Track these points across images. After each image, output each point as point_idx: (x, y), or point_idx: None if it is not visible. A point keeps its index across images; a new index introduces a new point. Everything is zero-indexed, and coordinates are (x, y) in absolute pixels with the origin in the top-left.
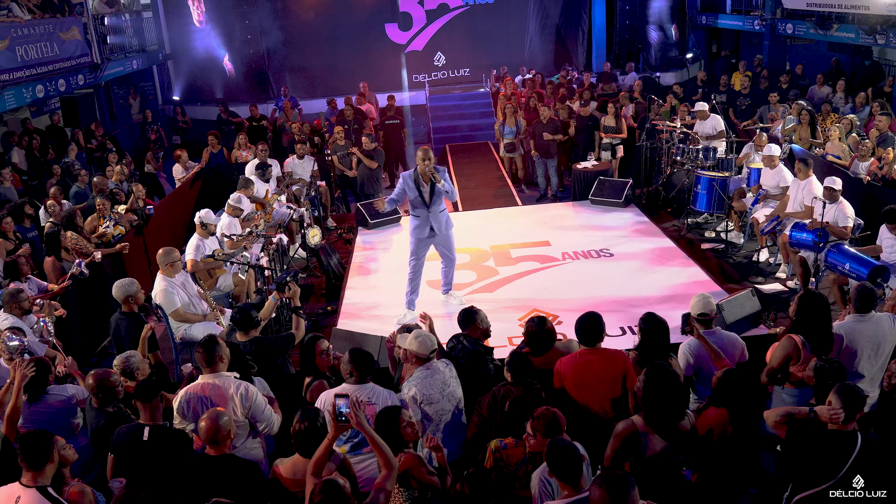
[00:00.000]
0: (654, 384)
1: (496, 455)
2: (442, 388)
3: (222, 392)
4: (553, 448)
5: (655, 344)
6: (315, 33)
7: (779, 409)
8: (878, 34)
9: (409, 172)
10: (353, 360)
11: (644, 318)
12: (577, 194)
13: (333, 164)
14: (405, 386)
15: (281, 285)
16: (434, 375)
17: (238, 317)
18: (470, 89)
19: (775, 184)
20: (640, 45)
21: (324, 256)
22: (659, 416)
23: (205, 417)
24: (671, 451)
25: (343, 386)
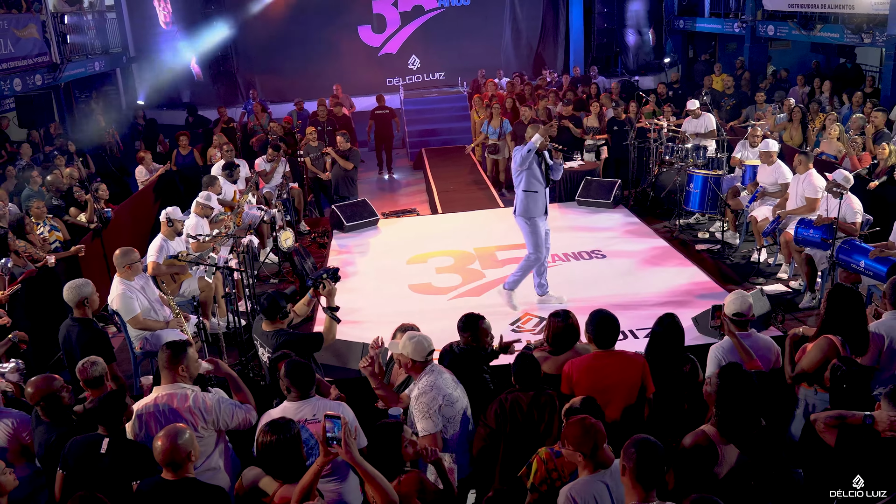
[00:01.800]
0: (730, 386)
1: (548, 465)
2: (454, 385)
3: (176, 404)
4: (639, 445)
5: (667, 349)
6: (286, 35)
7: (830, 412)
8: (865, 33)
9: (529, 146)
10: (289, 375)
11: (660, 319)
12: (563, 195)
13: (306, 167)
14: (421, 397)
15: (316, 282)
16: (443, 374)
17: (265, 304)
18: (446, 93)
19: (773, 180)
20: (619, 49)
21: (297, 260)
22: (737, 424)
23: (161, 436)
24: (750, 465)
25: (284, 405)
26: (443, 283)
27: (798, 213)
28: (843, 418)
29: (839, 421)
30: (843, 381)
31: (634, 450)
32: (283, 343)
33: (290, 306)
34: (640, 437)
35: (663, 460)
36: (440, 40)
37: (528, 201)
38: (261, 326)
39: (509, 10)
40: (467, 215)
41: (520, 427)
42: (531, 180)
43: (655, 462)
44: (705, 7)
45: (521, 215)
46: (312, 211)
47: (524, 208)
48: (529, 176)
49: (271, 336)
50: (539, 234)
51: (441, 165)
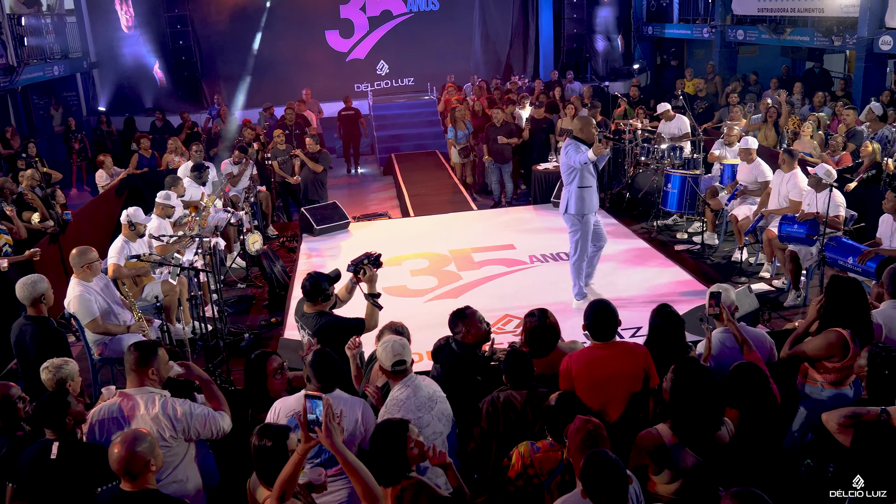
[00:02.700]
0: (685, 384)
1: (525, 461)
2: (429, 406)
3: (143, 410)
4: (592, 463)
5: (668, 342)
6: (252, 40)
7: (842, 411)
8: (835, 36)
9: (575, 143)
10: (314, 365)
11: (657, 311)
12: (538, 197)
13: (273, 171)
14: (389, 412)
15: (357, 267)
16: (418, 392)
17: (308, 285)
18: (415, 98)
19: (753, 178)
20: (588, 55)
21: (266, 263)
22: (691, 425)
23: (117, 442)
24: (705, 468)
25: (301, 394)
26: (418, 286)
27: (781, 213)
28: (857, 416)
29: (854, 420)
30: (884, 367)
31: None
32: (325, 326)
33: (333, 288)
34: (593, 457)
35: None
36: (409, 45)
37: (584, 197)
38: (302, 308)
39: (479, 15)
40: (441, 218)
41: (513, 427)
42: (585, 175)
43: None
44: (674, 13)
45: (574, 213)
46: (280, 216)
47: (580, 205)
48: (584, 171)
49: (312, 318)
50: (590, 230)
51: (411, 170)
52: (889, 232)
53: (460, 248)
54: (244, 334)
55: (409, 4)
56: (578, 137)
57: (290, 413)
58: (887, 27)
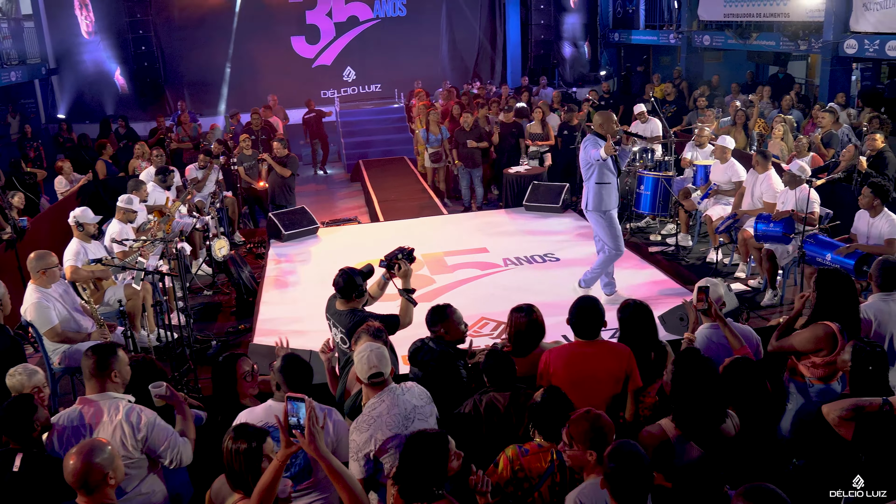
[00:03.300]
0: (687, 376)
1: (513, 465)
2: (404, 424)
3: (105, 417)
4: (619, 455)
5: (640, 335)
6: (216, 46)
7: (842, 403)
8: (801, 40)
9: (594, 138)
10: (284, 370)
11: (623, 306)
12: (510, 201)
13: (240, 176)
14: (358, 428)
15: (391, 262)
16: (392, 409)
17: (341, 281)
18: (382, 104)
19: (727, 178)
20: (556, 61)
21: (234, 269)
22: (695, 418)
23: (73, 452)
24: (709, 462)
25: (269, 403)
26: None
27: (755, 214)
28: (860, 408)
29: (856, 412)
30: (868, 362)
31: (612, 462)
32: (359, 323)
33: (365, 284)
34: (620, 448)
35: (647, 473)
36: (376, 52)
37: (603, 193)
38: (334, 305)
39: (446, 21)
40: (411, 222)
41: (497, 430)
42: (604, 171)
43: (638, 475)
44: (640, 20)
45: (595, 210)
46: (246, 223)
47: (598, 202)
48: (602, 167)
49: (346, 315)
50: (617, 226)
51: (380, 176)
52: (865, 228)
53: (432, 252)
54: (211, 342)
55: (375, 10)
56: (598, 133)
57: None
58: (852, 31)
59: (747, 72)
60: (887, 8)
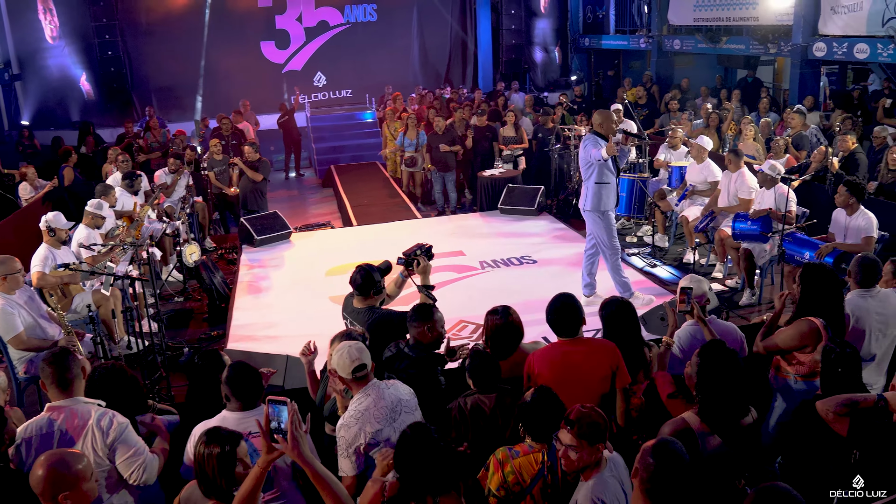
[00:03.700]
0: (712, 368)
1: (504, 468)
2: (391, 417)
3: (77, 422)
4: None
5: (624, 332)
6: (184, 51)
7: (837, 398)
8: (770, 43)
9: (594, 137)
10: (230, 381)
11: (605, 303)
12: (485, 204)
13: (210, 182)
14: (346, 425)
15: (409, 259)
16: (379, 402)
17: (359, 278)
18: (354, 110)
19: (703, 179)
20: (527, 66)
21: (205, 274)
22: (720, 411)
23: (41, 461)
24: (731, 455)
25: (223, 415)
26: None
27: (731, 212)
28: (854, 404)
29: (851, 408)
30: (837, 364)
31: (654, 460)
32: (378, 321)
33: (383, 281)
34: (663, 445)
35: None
36: (347, 57)
37: (602, 193)
38: (351, 303)
39: (417, 26)
40: (386, 226)
41: (483, 434)
42: (604, 171)
43: (676, 476)
44: (610, 25)
45: (593, 210)
46: (217, 229)
47: (597, 202)
48: (602, 167)
49: (364, 313)
50: (614, 226)
51: (352, 181)
52: (842, 226)
53: None
54: (183, 348)
55: (346, 15)
56: (598, 132)
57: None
58: (821, 34)
59: (716, 76)
60: (854, 11)
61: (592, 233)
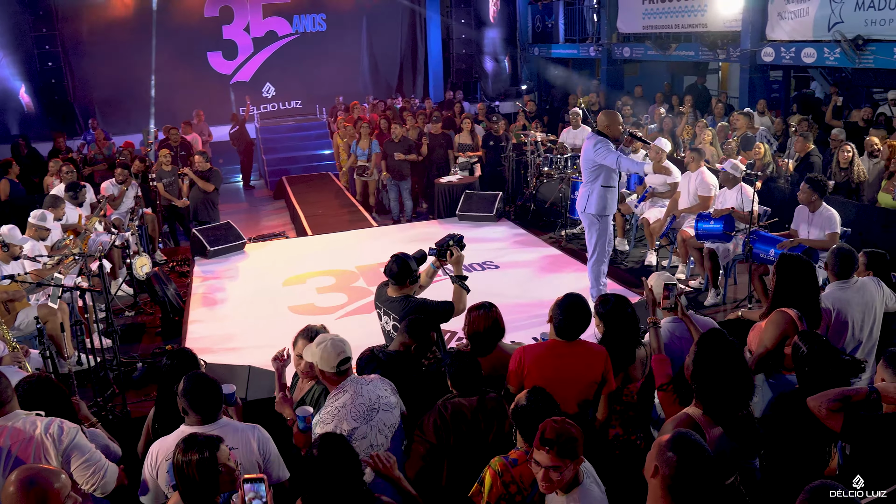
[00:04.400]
0: (710, 358)
1: (504, 478)
2: (368, 415)
3: (24, 437)
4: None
5: (624, 330)
6: (128, 62)
7: (828, 393)
8: (720, 49)
9: (604, 140)
10: (188, 394)
11: (603, 299)
12: (442, 211)
13: (159, 193)
14: (322, 422)
15: (442, 249)
16: (357, 398)
17: (395, 267)
18: (304, 120)
19: (662, 180)
20: (477, 75)
21: (158, 286)
22: (722, 403)
23: (13, 479)
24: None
25: (181, 429)
26: (327, 303)
27: (692, 212)
28: (847, 398)
29: (844, 402)
30: (806, 362)
31: (675, 454)
32: (414, 310)
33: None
34: (682, 437)
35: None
36: (296, 67)
37: (608, 197)
38: (385, 292)
39: (366, 36)
40: (342, 235)
41: (466, 439)
42: (612, 175)
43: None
44: (560, 33)
45: (597, 213)
46: (167, 242)
47: (602, 205)
48: (611, 171)
49: (399, 302)
50: (608, 232)
51: (305, 192)
52: (805, 223)
53: (368, 263)
54: (137, 363)
55: (295, 25)
56: (604, 133)
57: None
58: (769, 40)
59: (664, 83)
60: (801, 17)
61: (590, 236)
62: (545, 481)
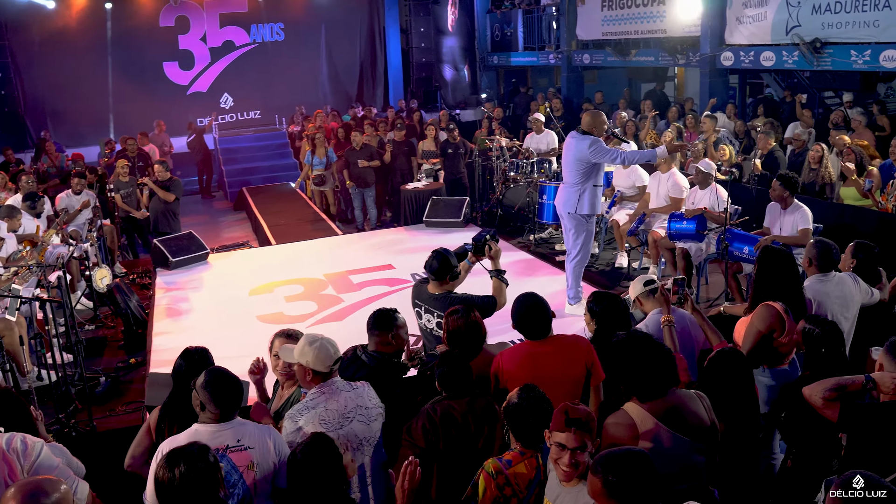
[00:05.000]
0: (632, 351)
1: (498, 480)
2: (339, 423)
3: None
4: (616, 465)
5: (616, 328)
6: (82, 73)
7: (824, 383)
8: (679, 54)
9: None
10: (210, 386)
11: (595, 298)
12: (409, 218)
13: (116, 204)
14: (290, 416)
15: (479, 246)
16: (329, 404)
17: (436, 263)
18: (263, 131)
19: (630, 183)
20: (437, 84)
21: (120, 297)
22: (647, 384)
23: (9, 496)
24: (683, 444)
25: (194, 429)
26: (296, 312)
27: (663, 212)
28: (843, 387)
29: (840, 392)
30: (820, 343)
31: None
32: (463, 304)
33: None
34: (615, 455)
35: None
36: (254, 77)
37: (598, 195)
38: (425, 290)
39: (325, 45)
40: (308, 244)
41: (456, 443)
42: (601, 173)
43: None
44: (519, 41)
45: (589, 213)
46: (125, 254)
47: (592, 205)
48: (600, 169)
49: (441, 299)
50: (594, 233)
51: (266, 202)
52: (777, 220)
53: (335, 271)
54: (100, 378)
55: (252, 35)
56: (588, 133)
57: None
58: (728, 44)
59: (624, 89)
60: (759, 21)
61: (576, 237)
62: (570, 466)
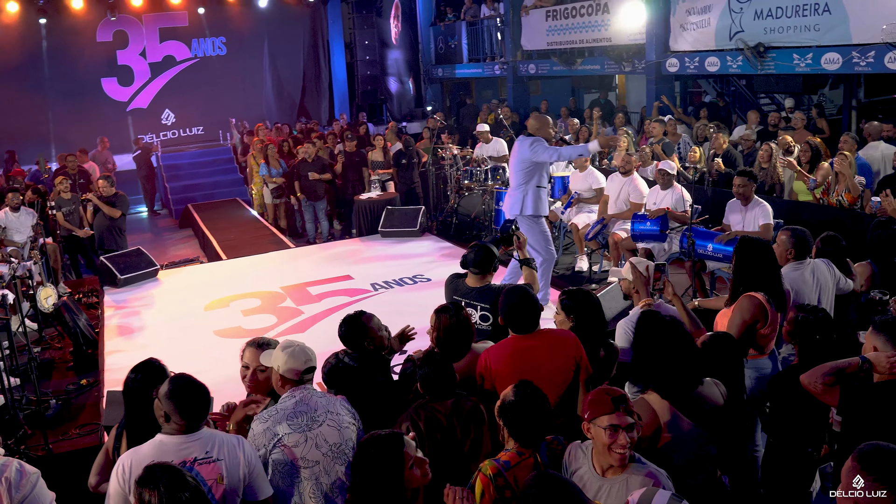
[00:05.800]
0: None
1: (497, 482)
2: (307, 425)
3: None
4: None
5: (591, 325)
6: (17, 89)
7: (821, 369)
8: (625, 62)
9: (538, 139)
10: (174, 396)
11: (568, 294)
12: (364, 229)
13: (58, 223)
14: (259, 418)
15: (506, 237)
16: (300, 405)
17: (477, 256)
18: (207, 146)
19: (587, 186)
20: (383, 97)
21: (68, 316)
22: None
23: None
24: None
25: (158, 440)
26: (255, 325)
27: (623, 217)
28: (840, 371)
29: (838, 376)
30: (814, 330)
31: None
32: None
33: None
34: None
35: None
36: (196, 92)
37: (542, 197)
38: (465, 285)
39: (268, 59)
40: (261, 257)
41: (441, 446)
42: (544, 174)
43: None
44: (463, 53)
45: (532, 214)
46: (68, 275)
47: (537, 206)
48: (543, 171)
49: (485, 291)
50: (548, 232)
51: (214, 218)
52: (739, 217)
53: (293, 283)
54: (50, 401)
55: (193, 50)
56: (533, 136)
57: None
58: (672, 51)
59: (570, 98)
60: (703, 27)
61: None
62: (624, 448)
